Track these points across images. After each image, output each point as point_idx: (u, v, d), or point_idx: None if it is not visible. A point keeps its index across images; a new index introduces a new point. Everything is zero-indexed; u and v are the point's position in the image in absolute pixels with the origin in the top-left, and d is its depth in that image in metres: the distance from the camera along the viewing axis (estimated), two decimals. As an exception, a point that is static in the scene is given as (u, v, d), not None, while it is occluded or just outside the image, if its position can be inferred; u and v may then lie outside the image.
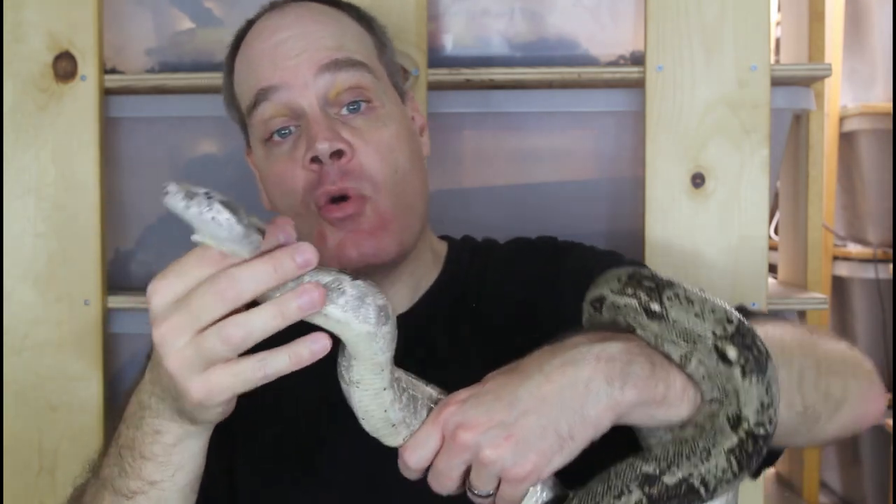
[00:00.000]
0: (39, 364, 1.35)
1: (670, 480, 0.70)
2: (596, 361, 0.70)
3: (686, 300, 0.72)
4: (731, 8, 1.29)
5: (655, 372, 0.71)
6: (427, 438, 0.71)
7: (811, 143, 1.55)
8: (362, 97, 0.94)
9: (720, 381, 0.70)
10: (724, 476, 0.70)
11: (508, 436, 0.68)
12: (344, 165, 0.91)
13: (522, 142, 1.45)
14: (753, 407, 0.70)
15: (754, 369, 0.69)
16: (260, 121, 0.95)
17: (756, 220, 1.30)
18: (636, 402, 0.70)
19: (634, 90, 1.34)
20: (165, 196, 0.64)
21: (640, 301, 0.73)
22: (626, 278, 0.76)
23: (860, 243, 2.33)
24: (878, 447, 2.22)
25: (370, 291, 0.68)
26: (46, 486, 1.35)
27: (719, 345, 0.70)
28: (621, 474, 0.72)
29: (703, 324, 0.71)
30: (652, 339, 0.73)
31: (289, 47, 0.95)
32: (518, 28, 1.41)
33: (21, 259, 1.36)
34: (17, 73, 1.35)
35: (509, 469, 0.68)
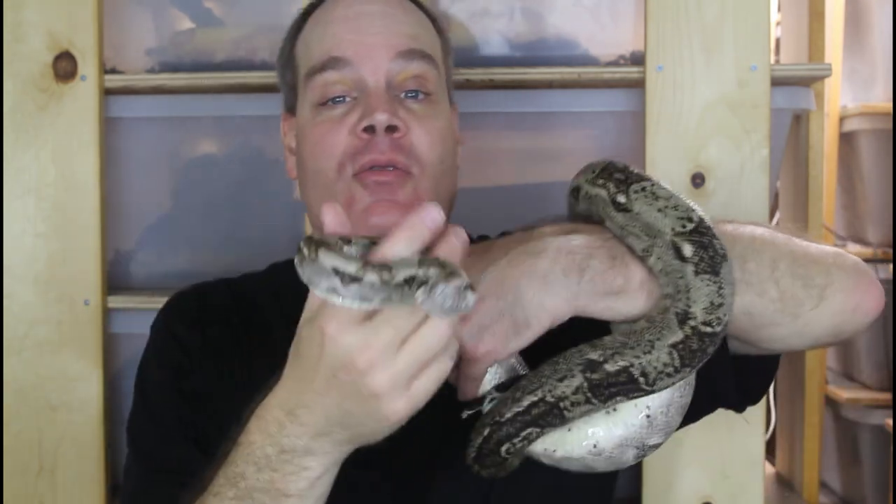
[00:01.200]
0: (39, 364, 1.35)
1: (611, 367, 0.72)
2: (556, 254, 0.73)
3: (652, 195, 0.74)
4: (731, 8, 1.29)
5: (615, 265, 0.73)
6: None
7: (811, 143, 1.55)
8: (424, 88, 0.96)
9: (674, 277, 0.72)
10: (665, 369, 0.72)
11: (468, 320, 0.71)
12: (396, 140, 0.92)
13: (522, 142, 1.45)
14: (702, 305, 0.71)
15: (707, 269, 0.71)
16: (321, 84, 0.95)
17: (756, 220, 1.29)
18: (592, 293, 0.72)
19: (634, 90, 1.34)
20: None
21: (608, 192, 0.76)
22: (599, 169, 0.78)
23: (860, 243, 2.33)
24: (878, 447, 2.21)
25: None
26: (46, 486, 1.35)
27: (676, 241, 0.72)
28: (568, 359, 0.74)
29: (664, 219, 0.72)
30: (618, 230, 0.75)
31: (370, 22, 0.95)
32: (518, 28, 1.41)
33: (21, 259, 1.36)
34: (17, 73, 1.35)
35: (468, 349, 0.72)
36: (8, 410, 1.35)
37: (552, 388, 0.74)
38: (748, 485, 1.30)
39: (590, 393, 0.73)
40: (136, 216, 1.47)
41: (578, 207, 0.81)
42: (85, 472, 1.35)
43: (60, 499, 1.35)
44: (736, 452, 1.32)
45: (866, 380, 2.28)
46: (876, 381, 2.26)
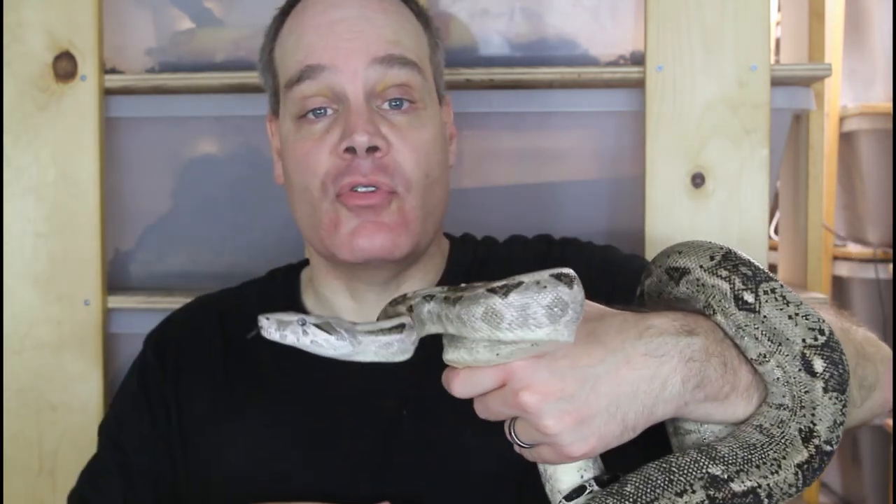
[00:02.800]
0: (39, 364, 1.35)
1: (738, 488, 0.67)
2: (678, 360, 0.68)
3: (782, 298, 0.68)
4: (731, 8, 1.29)
5: (726, 372, 0.69)
6: (485, 380, 0.68)
7: (811, 143, 1.55)
8: (408, 96, 0.93)
9: (796, 390, 0.68)
10: (789, 490, 0.68)
11: (574, 411, 0.66)
12: (378, 160, 0.90)
13: (522, 142, 1.45)
14: (827, 424, 0.68)
15: (836, 387, 0.68)
16: (299, 97, 0.93)
17: (756, 220, 1.30)
18: (699, 401, 0.69)
19: (634, 90, 1.34)
20: (261, 331, 0.66)
21: (732, 286, 0.69)
22: (720, 257, 0.71)
23: (860, 243, 2.33)
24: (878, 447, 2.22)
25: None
26: (46, 486, 1.35)
27: (807, 353, 0.67)
28: (685, 470, 0.68)
29: (794, 327, 0.68)
30: (732, 329, 0.70)
31: (345, 28, 0.92)
32: (518, 28, 1.41)
33: (21, 259, 1.36)
34: (17, 73, 1.35)
35: (565, 445, 0.67)
36: (8, 410, 1.35)
37: (670, 503, 0.67)
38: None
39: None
40: (136, 216, 1.47)
41: (676, 290, 0.74)
42: (85, 472, 1.35)
43: (60, 499, 1.35)
44: (736, 452, 1.32)
45: (866, 380, 2.27)
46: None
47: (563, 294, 0.64)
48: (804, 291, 1.53)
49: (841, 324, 0.81)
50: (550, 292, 0.63)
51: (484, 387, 0.68)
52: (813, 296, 1.46)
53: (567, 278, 0.64)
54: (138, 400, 1.00)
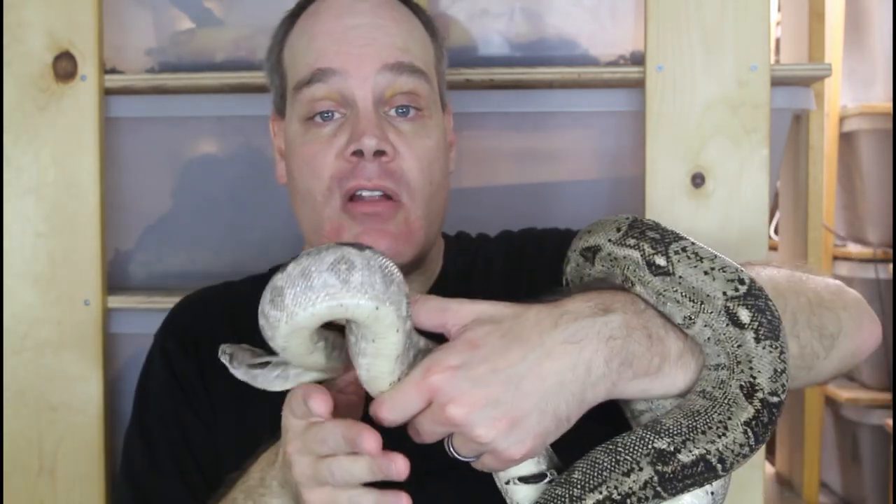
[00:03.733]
0: (39, 364, 1.35)
1: (686, 458, 0.65)
2: (597, 341, 0.66)
3: (695, 255, 0.66)
4: (731, 8, 1.29)
5: (652, 344, 0.68)
6: (409, 401, 0.66)
7: (811, 143, 1.56)
8: (415, 104, 0.94)
9: (729, 346, 0.65)
10: (742, 450, 0.65)
11: (504, 416, 0.64)
12: (384, 165, 0.91)
13: (522, 142, 1.45)
14: (767, 374, 0.65)
15: (768, 334, 0.65)
16: (308, 99, 0.93)
17: (756, 220, 1.30)
18: (630, 378, 0.67)
19: (634, 90, 1.34)
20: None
21: (643, 253, 0.67)
22: (626, 227, 0.69)
23: (860, 243, 2.33)
24: (878, 447, 2.22)
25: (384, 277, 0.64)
26: (46, 486, 1.35)
27: (730, 306, 0.65)
28: (630, 448, 0.66)
29: (713, 283, 0.65)
30: (653, 296, 0.68)
31: (357, 34, 0.93)
32: (518, 28, 1.41)
33: (21, 259, 1.36)
34: (17, 73, 1.35)
35: (503, 450, 0.66)
36: (8, 410, 1.35)
37: (618, 484, 0.65)
38: (748, 485, 1.30)
39: (660, 487, 0.65)
40: (136, 216, 1.47)
41: (591, 269, 0.72)
42: (85, 472, 1.35)
43: (60, 499, 1.35)
44: (736, 452, 1.32)
45: (866, 380, 2.28)
46: (876, 381, 2.26)
47: (348, 253, 0.62)
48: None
49: (791, 274, 0.79)
50: (333, 252, 0.61)
51: (411, 408, 0.66)
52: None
53: (357, 245, 0.63)
54: (172, 387, 0.98)
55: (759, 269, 0.77)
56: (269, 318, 0.63)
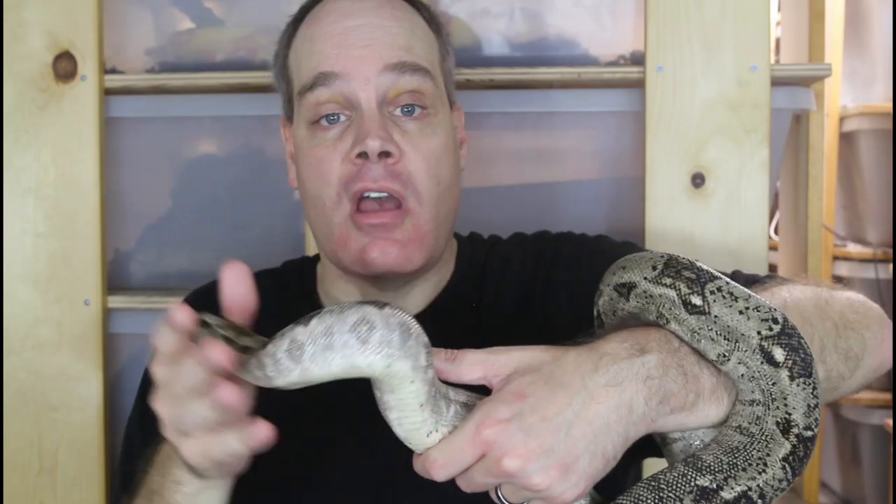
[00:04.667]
0: (39, 364, 1.35)
1: (729, 495, 0.67)
2: (637, 381, 0.68)
3: (730, 295, 0.68)
4: (731, 8, 1.29)
5: (687, 381, 0.69)
6: (462, 455, 0.67)
7: (811, 143, 1.55)
8: (420, 102, 0.93)
9: (763, 384, 0.67)
10: (780, 485, 0.67)
11: (558, 463, 0.66)
12: (390, 166, 0.90)
13: (523, 142, 1.45)
14: (802, 410, 0.67)
15: (802, 372, 0.66)
16: (312, 103, 0.93)
17: (756, 220, 1.30)
18: (667, 415, 0.69)
19: (634, 90, 1.34)
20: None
21: (679, 292, 0.69)
22: (662, 266, 0.71)
23: (860, 243, 2.33)
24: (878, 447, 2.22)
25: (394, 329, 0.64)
26: (46, 486, 1.35)
27: (765, 345, 0.66)
28: (673, 486, 0.67)
29: (747, 322, 0.67)
30: (687, 334, 0.69)
31: (358, 36, 0.93)
32: (518, 28, 1.41)
33: (21, 259, 1.36)
34: (17, 73, 1.35)
35: (557, 496, 0.67)
36: (8, 410, 1.35)
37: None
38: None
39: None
40: (136, 216, 1.47)
41: (626, 304, 0.74)
42: (85, 472, 1.35)
43: (60, 499, 1.35)
44: (736, 452, 1.32)
45: (866, 380, 2.27)
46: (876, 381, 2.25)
47: (369, 313, 0.63)
48: (804, 291, 1.53)
49: (816, 296, 0.81)
50: (355, 313, 0.62)
51: (464, 463, 0.67)
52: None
53: (377, 303, 0.64)
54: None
55: (784, 293, 0.78)
56: (279, 366, 0.63)
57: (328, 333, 0.62)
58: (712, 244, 1.30)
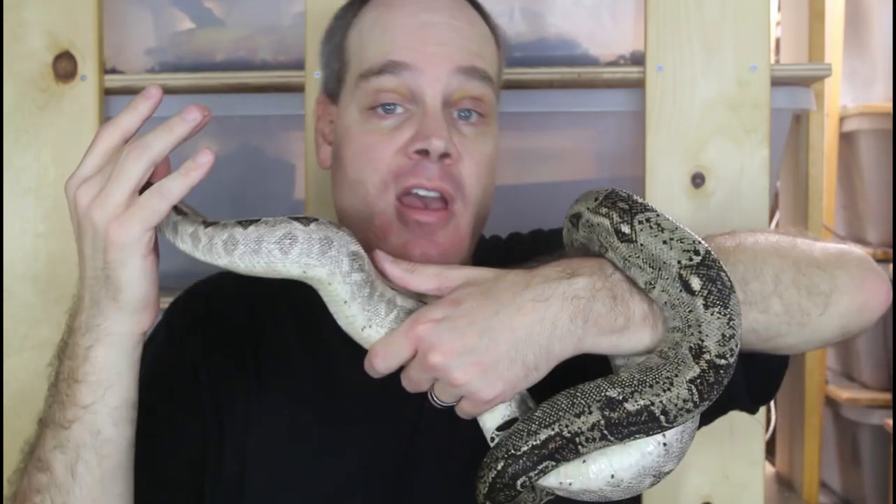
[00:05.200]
0: (39, 364, 1.35)
1: (631, 407, 0.72)
2: (562, 300, 0.74)
3: (657, 226, 0.73)
4: (731, 8, 1.29)
5: (616, 304, 0.74)
6: (399, 350, 0.75)
7: (811, 143, 1.55)
8: (479, 109, 0.94)
9: (682, 311, 0.72)
10: (685, 405, 0.72)
11: (478, 362, 0.73)
12: (447, 167, 0.91)
13: (522, 142, 1.45)
14: (715, 338, 0.71)
15: (717, 301, 0.71)
16: (375, 89, 0.93)
17: (756, 220, 1.30)
18: (596, 334, 0.74)
19: (634, 90, 1.34)
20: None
21: (611, 221, 0.75)
22: (602, 197, 0.77)
23: (860, 243, 2.33)
24: (878, 447, 2.22)
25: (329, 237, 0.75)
26: (46, 486, 1.35)
27: (683, 274, 0.71)
28: (586, 394, 0.74)
29: (669, 251, 0.72)
30: (620, 261, 0.75)
31: (435, 33, 0.93)
32: (518, 28, 1.41)
33: (21, 259, 1.36)
34: (17, 73, 1.35)
35: (475, 392, 0.74)
36: (8, 410, 1.35)
37: (569, 423, 0.74)
38: (748, 485, 1.30)
39: (606, 430, 0.73)
40: (136, 216, 1.47)
41: (577, 234, 0.80)
42: (85, 472, 1.35)
43: (60, 499, 1.35)
44: (736, 453, 1.32)
45: (866, 380, 2.28)
46: (876, 381, 2.26)
47: (295, 229, 0.75)
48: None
49: (781, 240, 0.83)
50: (283, 227, 0.75)
51: (401, 356, 0.75)
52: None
53: (306, 219, 0.75)
54: (169, 358, 0.98)
55: (744, 236, 0.82)
56: (213, 249, 0.76)
57: (259, 240, 0.75)
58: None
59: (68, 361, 0.81)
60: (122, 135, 0.77)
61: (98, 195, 0.76)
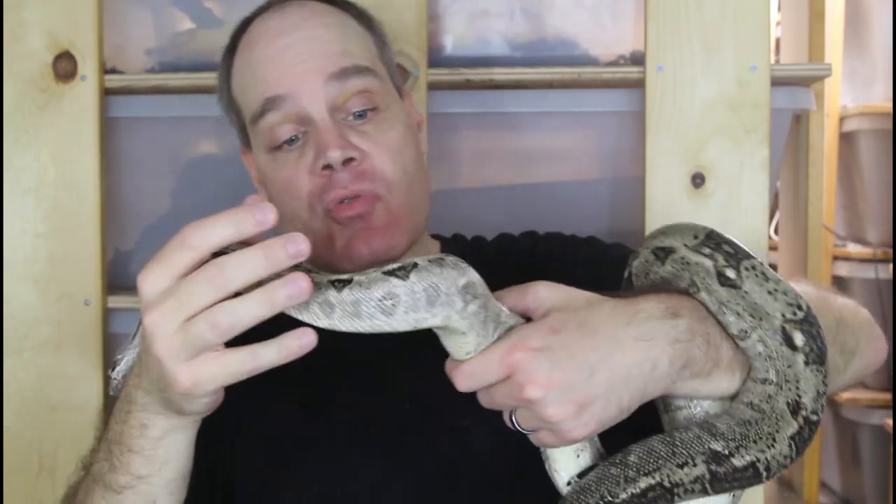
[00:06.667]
0: (39, 364, 1.35)
1: (738, 462, 0.71)
2: (665, 342, 0.71)
3: (762, 275, 0.71)
4: (731, 8, 1.29)
5: (709, 350, 0.72)
6: (490, 375, 0.70)
7: (811, 143, 1.55)
8: (370, 103, 0.95)
9: (780, 364, 0.71)
10: (784, 461, 0.72)
11: (575, 400, 0.69)
12: (355, 168, 0.92)
13: (522, 142, 1.45)
14: (811, 395, 0.71)
15: (817, 359, 0.71)
16: (267, 129, 0.95)
17: (756, 220, 1.30)
18: (686, 379, 0.72)
19: (634, 90, 1.34)
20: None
21: (715, 263, 0.73)
22: (703, 236, 0.74)
23: (860, 243, 2.33)
24: (878, 447, 2.22)
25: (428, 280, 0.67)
26: (46, 487, 1.35)
27: (787, 328, 0.70)
28: (688, 444, 0.72)
29: (774, 303, 0.71)
30: (715, 305, 0.73)
31: (295, 53, 0.94)
32: (518, 28, 1.41)
33: (21, 259, 1.36)
34: (17, 73, 1.35)
35: (566, 431, 0.70)
36: (8, 410, 1.35)
37: (670, 474, 0.72)
38: (748, 485, 1.30)
39: (709, 484, 0.72)
40: (136, 216, 1.47)
41: (661, 268, 0.77)
42: (85, 472, 1.35)
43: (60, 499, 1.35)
44: (736, 452, 1.32)
45: (866, 380, 2.28)
46: (876, 381, 2.26)
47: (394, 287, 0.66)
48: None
49: (819, 294, 0.84)
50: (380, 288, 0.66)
51: (488, 380, 0.70)
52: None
53: (402, 269, 0.66)
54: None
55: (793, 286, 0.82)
56: (310, 311, 0.67)
57: (356, 304, 0.66)
58: (712, 244, 1.30)
59: (120, 426, 0.76)
60: (208, 251, 0.66)
61: (171, 332, 0.64)
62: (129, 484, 0.75)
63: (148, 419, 0.74)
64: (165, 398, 0.70)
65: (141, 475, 0.75)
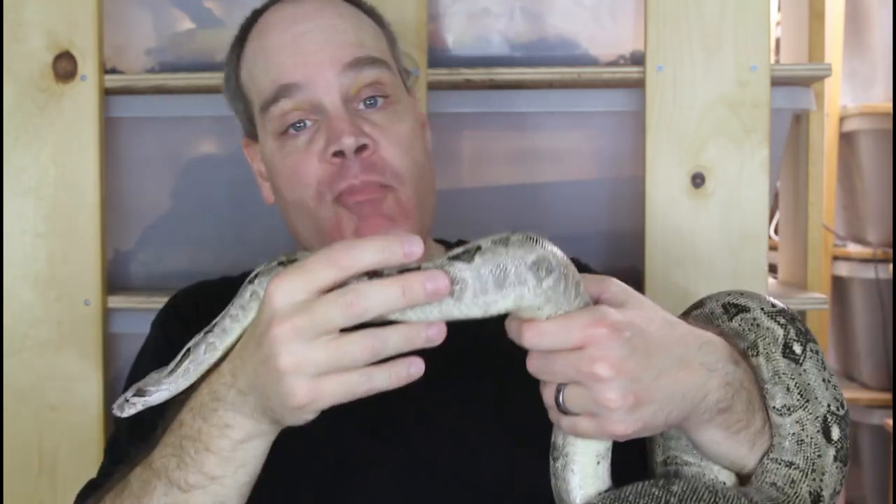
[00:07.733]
0: (39, 364, 1.35)
1: None
2: (722, 379, 0.72)
3: (822, 361, 0.74)
4: (731, 8, 1.29)
5: (747, 410, 0.74)
6: (566, 336, 0.67)
7: (811, 143, 1.55)
8: (381, 93, 0.95)
9: (809, 452, 0.72)
10: None
11: (637, 393, 0.67)
12: (367, 158, 0.92)
13: (522, 142, 1.45)
14: (830, 490, 0.73)
15: (844, 458, 0.73)
16: (278, 115, 0.95)
17: (756, 220, 1.30)
18: (718, 425, 0.73)
19: (634, 90, 1.34)
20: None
21: (786, 334, 0.74)
22: (780, 308, 0.76)
23: (860, 243, 2.33)
24: (878, 447, 2.22)
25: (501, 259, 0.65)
26: (46, 487, 1.35)
27: (829, 419, 0.72)
28: (730, 500, 0.71)
29: (825, 391, 0.73)
30: (769, 373, 0.74)
31: (309, 41, 0.94)
32: (518, 28, 1.41)
33: (21, 259, 1.36)
34: (17, 73, 1.35)
35: (614, 422, 0.68)
36: (8, 410, 1.35)
37: None
38: (748, 485, 1.30)
39: None
40: (136, 216, 1.47)
41: (728, 323, 0.78)
42: (85, 473, 1.34)
43: (60, 499, 1.35)
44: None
45: (866, 380, 2.28)
46: (876, 381, 2.26)
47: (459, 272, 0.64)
48: (804, 291, 1.53)
49: None
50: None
51: (560, 345, 0.67)
52: (813, 296, 1.46)
53: (467, 253, 0.65)
54: (164, 352, 0.97)
55: None
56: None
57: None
58: (712, 244, 1.30)
59: (199, 422, 0.74)
60: (354, 273, 0.64)
61: (300, 349, 0.64)
62: (200, 483, 0.73)
63: (234, 420, 0.72)
64: (267, 406, 0.69)
65: (214, 476, 0.73)
